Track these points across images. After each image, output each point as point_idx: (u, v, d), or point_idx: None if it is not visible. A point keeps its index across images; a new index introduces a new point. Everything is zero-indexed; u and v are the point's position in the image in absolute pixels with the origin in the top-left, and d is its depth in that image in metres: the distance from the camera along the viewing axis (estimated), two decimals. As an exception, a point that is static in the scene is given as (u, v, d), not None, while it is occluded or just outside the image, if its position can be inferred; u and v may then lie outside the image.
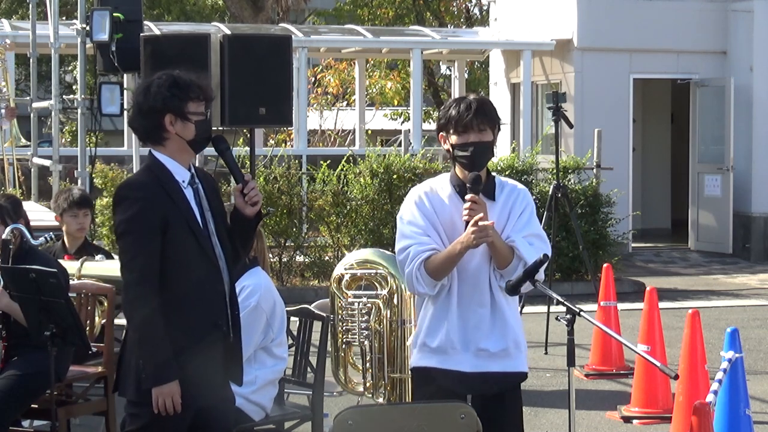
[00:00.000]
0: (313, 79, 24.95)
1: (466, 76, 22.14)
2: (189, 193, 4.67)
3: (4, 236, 6.16)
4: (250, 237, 4.82)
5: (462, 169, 4.82)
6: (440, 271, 4.76)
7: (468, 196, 4.71)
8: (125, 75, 10.24)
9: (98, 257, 7.53)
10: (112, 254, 8.27)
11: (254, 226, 4.77)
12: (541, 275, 4.71)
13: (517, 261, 4.73)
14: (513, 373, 4.88)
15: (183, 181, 4.67)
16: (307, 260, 13.82)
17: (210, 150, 4.98)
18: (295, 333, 6.60)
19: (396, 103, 27.71)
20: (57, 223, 7.87)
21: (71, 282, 6.47)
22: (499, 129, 4.88)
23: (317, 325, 6.52)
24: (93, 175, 11.73)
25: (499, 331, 4.83)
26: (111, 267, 7.28)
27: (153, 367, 4.52)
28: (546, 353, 10.06)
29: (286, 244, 13.66)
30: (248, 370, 5.77)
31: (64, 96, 13.60)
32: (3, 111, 13.21)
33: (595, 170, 14.52)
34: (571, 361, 4.63)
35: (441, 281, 4.80)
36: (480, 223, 4.65)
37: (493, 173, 4.96)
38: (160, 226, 4.56)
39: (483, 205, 4.72)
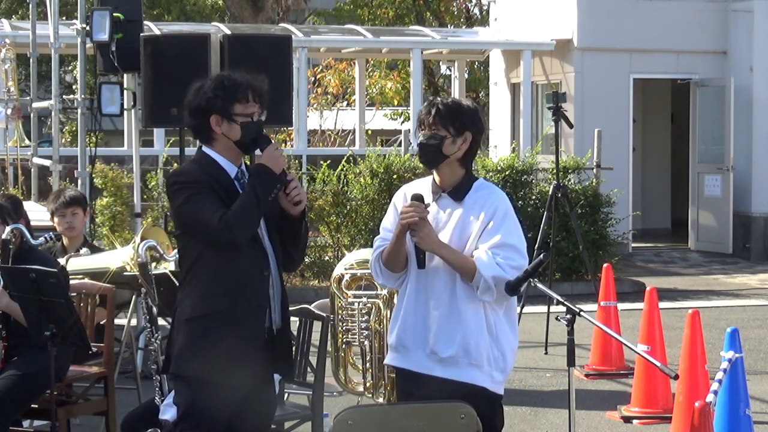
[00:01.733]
0: (313, 79, 24.94)
1: (466, 76, 22.14)
2: (238, 185, 4.77)
3: (4, 236, 6.17)
4: (298, 237, 4.89)
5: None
6: (390, 261, 4.81)
7: (406, 204, 4.73)
8: (125, 75, 10.23)
9: (83, 251, 7.52)
10: (101, 248, 8.26)
11: (299, 226, 4.85)
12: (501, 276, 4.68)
13: (479, 275, 4.65)
14: (457, 382, 4.72)
15: (231, 174, 4.77)
16: (307, 260, 13.82)
17: None
18: (295, 333, 6.60)
19: (396, 103, 27.70)
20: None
21: (71, 282, 6.47)
22: (472, 133, 4.79)
23: (317, 325, 6.52)
24: (93, 175, 11.72)
25: (451, 336, 4.72)
26: (95, 261, 7.27)
27: (265, 182, 4.69)
28: (546, 353, 10.06)
29: (286, 244, 13.63)
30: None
31: (64, 96, 13.58)
32: (9, 111, 13.22)
33: (595, 170, 14.52)
34: (571, 361, 4.63)
35: (399, 273, 4.83)
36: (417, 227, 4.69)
37: (478, 177, 4.95)
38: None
39: (421, 211, 4.70)
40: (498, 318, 4.79)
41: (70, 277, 6.56)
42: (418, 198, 4.74)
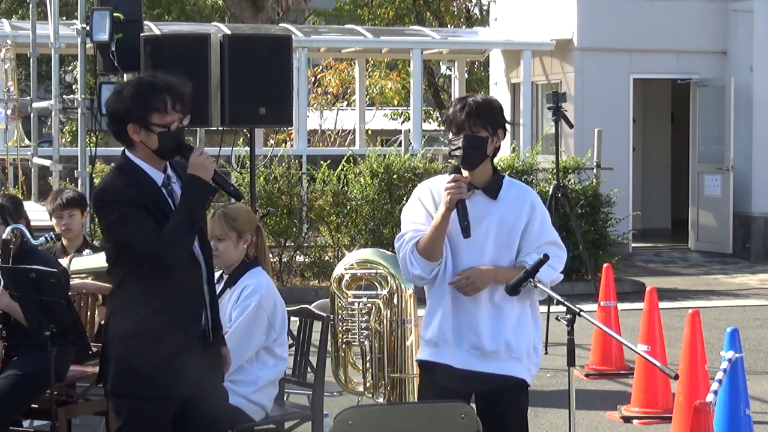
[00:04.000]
0: (313, 79, 24.94)
1: (466, 76, 22.14)
2: (165, 193, 4.64)
3: (4, 236, 6.17)
4: None
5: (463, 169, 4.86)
6: (429, 248, 4.78)
7: (450, 177, 4.74)
8: (125, 75, 10.23)
9: (85, 252, 7.52)
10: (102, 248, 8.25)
11: None
12: (557, 276, 4.86)
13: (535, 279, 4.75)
14: (499, 375, 4.83)
15: (158, 182, 4.64)
16: (307, 260, 13.82)
17: None
18: (295, 333, 6.60)
19: (396, 103, 27.72)
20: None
21: (71, 282, 6.47)
22: (503, 131, 4.85)
23: (317, 325, 6.52)
24: (93, 175, 11.72)
25: (493, 332, 4.81)
26: (98, 260, 7.27)
27: (195, 194, 4.58)
28: (546, 353, 10.04)
29: (286, 244, 13.66)
30: (250, 370, 5.80)
31: (64, 96, 13.60)
32: (9, 111, 13.23)
33: (595, 170, 14.52)
34: (571, 361, 4.64)
35: (435, 263, 4.80)
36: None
37: (504, 174, 4.98)
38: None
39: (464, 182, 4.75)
40: (529, 315, 4.92)
41: (74, 276, 6.56)
42: (458, 171, 4.79)
